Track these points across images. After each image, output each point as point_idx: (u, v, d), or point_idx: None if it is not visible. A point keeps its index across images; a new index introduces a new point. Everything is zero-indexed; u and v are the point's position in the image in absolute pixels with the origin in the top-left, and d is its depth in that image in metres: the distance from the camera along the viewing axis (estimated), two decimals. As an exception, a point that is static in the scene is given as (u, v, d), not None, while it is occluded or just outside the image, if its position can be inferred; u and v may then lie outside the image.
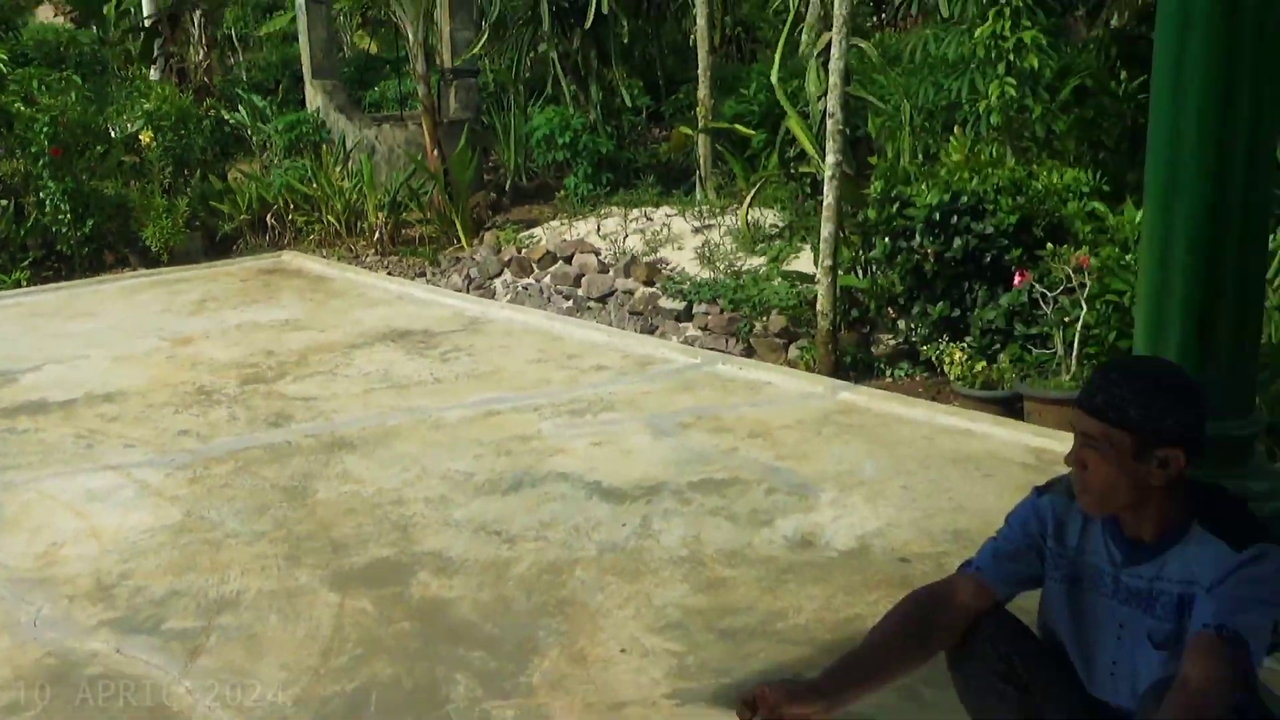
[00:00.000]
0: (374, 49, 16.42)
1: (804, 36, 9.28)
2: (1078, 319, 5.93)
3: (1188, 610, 2.30)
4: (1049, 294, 6.05)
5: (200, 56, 13.27)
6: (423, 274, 10.14)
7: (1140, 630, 2.39)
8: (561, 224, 10.07)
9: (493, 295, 9.50)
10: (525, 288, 9.47)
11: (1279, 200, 6.29)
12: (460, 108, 11.26)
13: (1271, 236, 5.87)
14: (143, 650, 3.77)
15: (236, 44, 17.13)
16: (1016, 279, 6.23)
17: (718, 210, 9.37)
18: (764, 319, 7.48)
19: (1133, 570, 2.40)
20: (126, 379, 6.82)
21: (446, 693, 3.49)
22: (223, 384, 6.68)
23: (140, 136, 10.87)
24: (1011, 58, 7.05)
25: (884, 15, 11.81)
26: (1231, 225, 2.74)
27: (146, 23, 13.84)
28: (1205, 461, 2.65)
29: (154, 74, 13.36)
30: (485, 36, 11.66)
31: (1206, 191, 2.72)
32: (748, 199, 8.81)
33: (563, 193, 10.81)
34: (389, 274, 9.98)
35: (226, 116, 12.35)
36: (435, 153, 10.66)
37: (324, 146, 11.58)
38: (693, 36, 10.85)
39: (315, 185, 10.92)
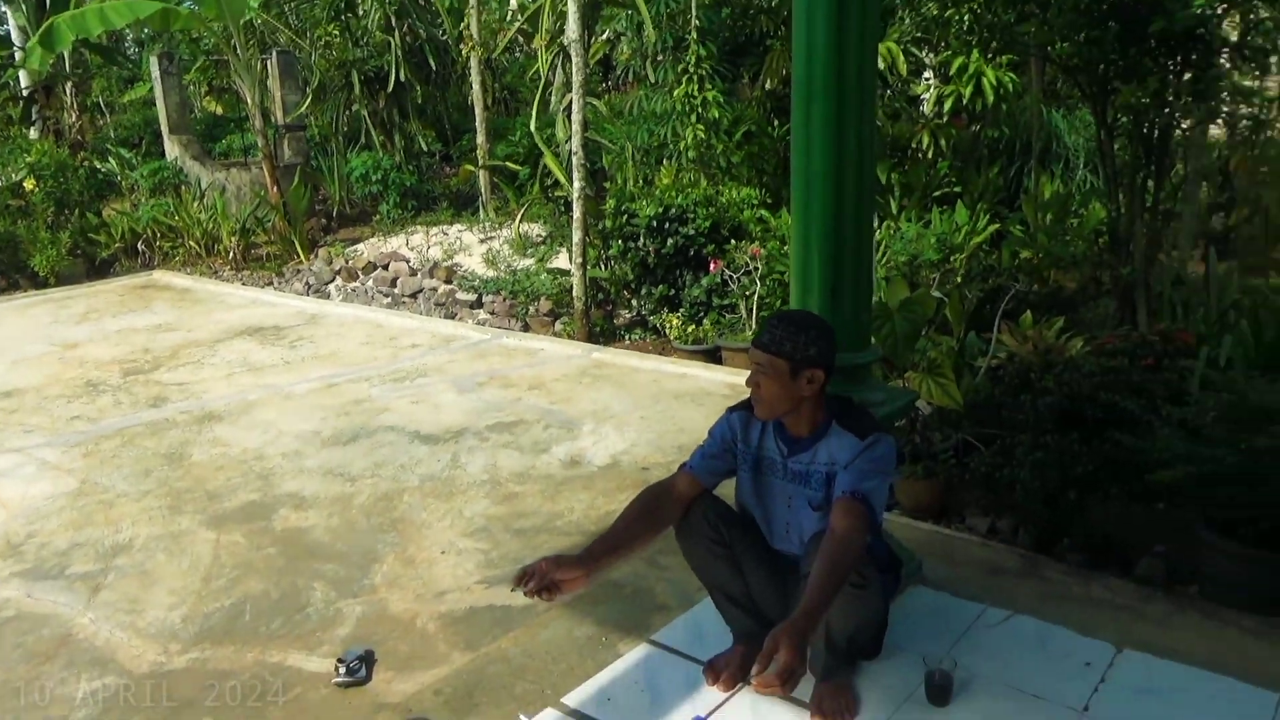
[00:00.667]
0: (220, 110, 15.19)
1: (554, 97, 9.22)
2: (754, 292, 6.14)
3: (832, 483, 2.40)
4: (734, 275, 6.25)
5: (73, 119, 11.91)
6: (271, 283, 9.50)
7: (802, 500, 2.49)
8: (379, 240, 9.63)
9: (328, 297, 9.01)
10: (353, 290, 9.03)
11: (880, 205, 6.72)
12: (293, 154, 10.59)
13: (875, 231, 6.27)
14: (50, 593, 3.40)
15: (104, 108, 15.52)
16: (712, 266, 6.38)
17: (497, 226, 9.20)
18: (535, 303, 7.40)
19: (795, 458, 2.49)
20: (23, 378, 6.11)
21: (307, 598, 3.31)
22: (107, 377, 6.07)
23: (24, 184, 9.73)
24: (700, 110, 7.21)
25: (610, 81, 11.84)
26: (847, 223, 2.82)
27: (24, 92, 12.34)
28: (840, 381, 2.80)
29: (33, 133, 11.92)
30: (309, 99, 11.05)
31: (830, 201, 2.81)
32: (519, 216, 8.69)
33: (378, 216, 10.35)
34: (243, 284, 9.31)
35: (99, 166, 11.19)
36: (275, 189, 10.02)
37: (183, 187, 10.68)
38: (470, 97, 10.58)
39: (177, 218, 10.05)
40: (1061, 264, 6.14)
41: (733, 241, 6.39)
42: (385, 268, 8.99)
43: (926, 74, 7.76)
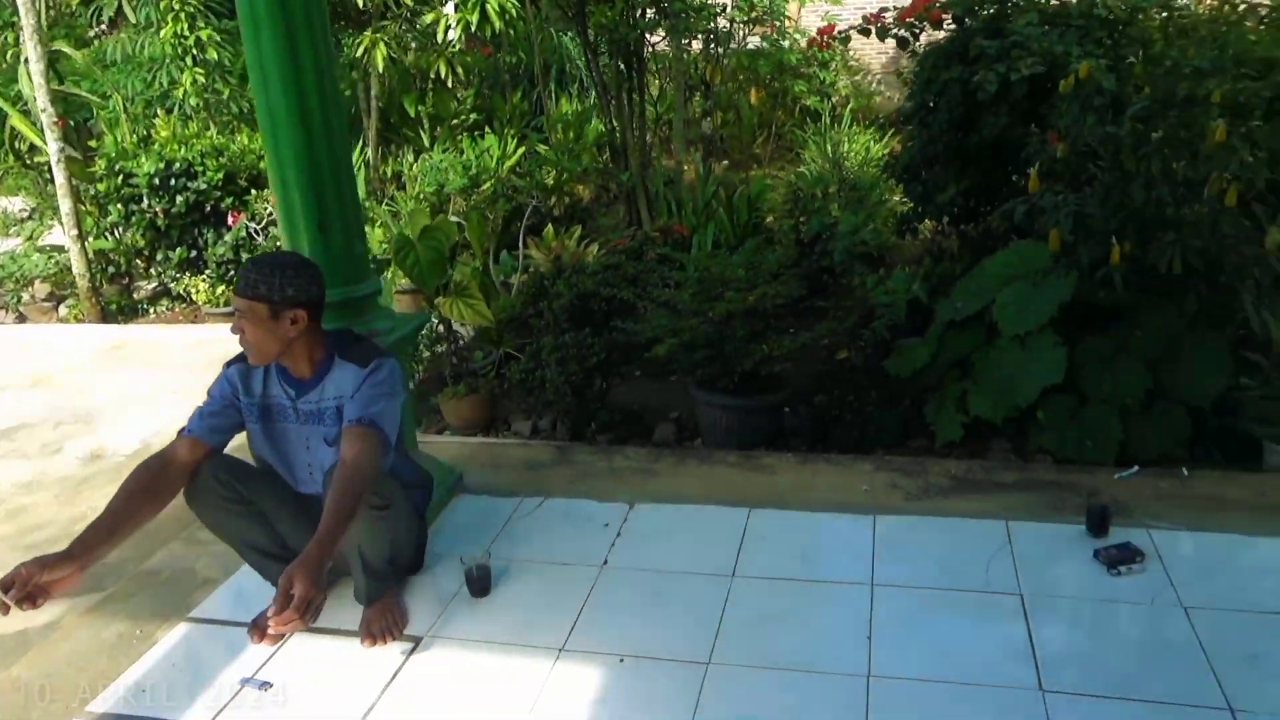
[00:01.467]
0: None
1: (23, 46, 7.86)
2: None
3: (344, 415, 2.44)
4: (260, 228, 5.91)
5: None
6: None
7: (319, 438, 2.48)
8: None
9: None
10: None
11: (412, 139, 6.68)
12: None
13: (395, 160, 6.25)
14: None
15: None
16: (232, 220, 5.97)
17: (-35, 205, 7.78)
18: (30, 289, 6.41)
19: (304, 399, 2.48)
20: None
21: None
22: None
23: None
24: (196, 53, 6.62)
25: (99, 23, 10.32)
26: (322, 155, 2.77)
27: None
28: (344, 315, 2.81)
29: None
30: None
31: (298, 134, 2.74)
32: (-9, 191, 7.41)
33: None
34: None
35: None
36: None
37: None
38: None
39: None
40: (579, 178, 6.66)
41: (253, 191, 6.03)
42: None
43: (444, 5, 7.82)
